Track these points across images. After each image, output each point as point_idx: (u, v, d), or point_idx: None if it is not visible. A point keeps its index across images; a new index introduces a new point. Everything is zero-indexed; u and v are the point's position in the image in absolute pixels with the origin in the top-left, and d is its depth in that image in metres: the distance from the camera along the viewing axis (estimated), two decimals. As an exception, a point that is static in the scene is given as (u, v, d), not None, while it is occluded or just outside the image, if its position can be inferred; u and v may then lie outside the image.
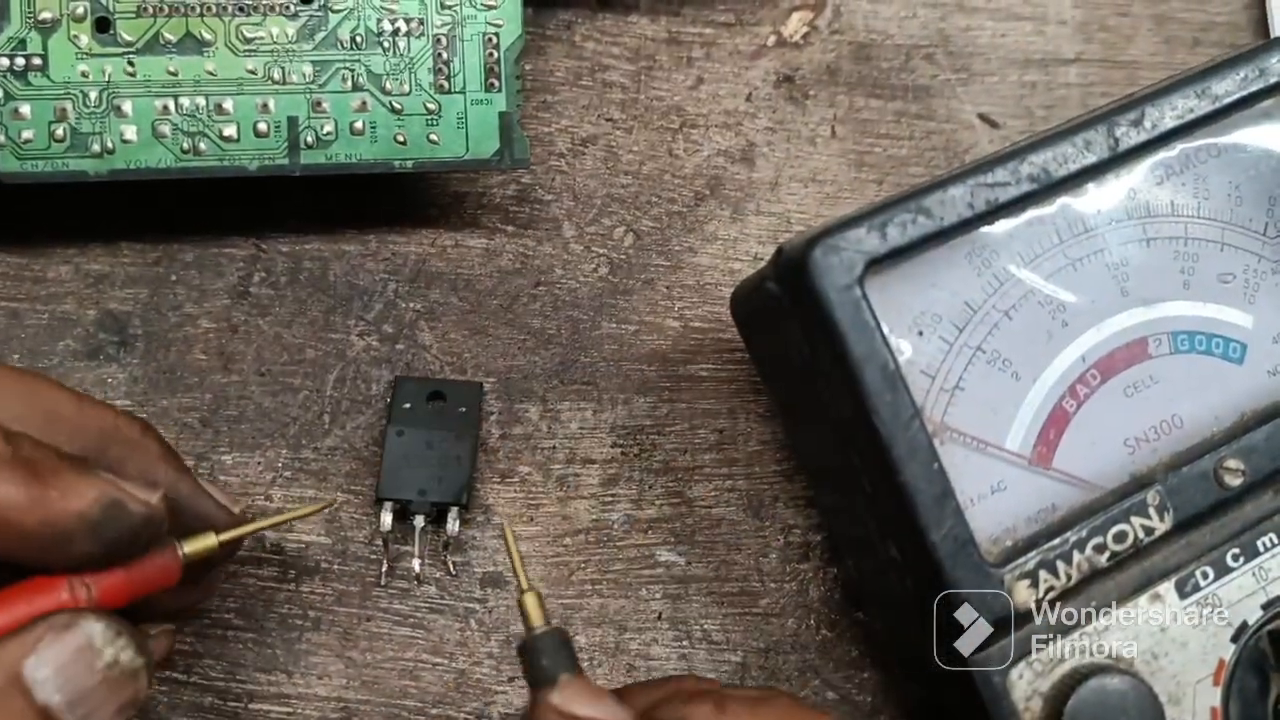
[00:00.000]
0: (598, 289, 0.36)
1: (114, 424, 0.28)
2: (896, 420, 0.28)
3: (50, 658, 0.23)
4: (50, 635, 0.24)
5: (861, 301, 0.28)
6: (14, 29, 0.32)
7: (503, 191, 0.37)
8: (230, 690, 0.33)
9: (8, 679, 0.23)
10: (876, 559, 0.30)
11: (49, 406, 0.27)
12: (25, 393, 0.27)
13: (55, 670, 0.23)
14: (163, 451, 0.29)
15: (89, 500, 0.24)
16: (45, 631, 0.24)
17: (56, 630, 0.24)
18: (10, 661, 0.23)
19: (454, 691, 0.34)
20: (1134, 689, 0.28)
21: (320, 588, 0.34)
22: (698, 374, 0.36)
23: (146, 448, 0.28)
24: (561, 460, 0.35)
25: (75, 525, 0.24)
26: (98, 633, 0.24)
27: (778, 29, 0.39)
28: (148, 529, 0.26)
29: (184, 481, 0.28)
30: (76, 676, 0.24)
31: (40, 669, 0.23)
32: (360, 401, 0.35)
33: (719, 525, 0.35)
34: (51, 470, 0.24)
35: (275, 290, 0.35)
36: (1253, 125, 0.32)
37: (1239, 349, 0.32)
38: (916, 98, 0.39)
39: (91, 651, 0.24)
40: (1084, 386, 0.31)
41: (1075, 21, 0.40)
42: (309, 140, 0.33)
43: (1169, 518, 0.30)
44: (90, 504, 0.24)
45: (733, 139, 0.38)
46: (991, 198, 0.29)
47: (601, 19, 0.38)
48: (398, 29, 0.33)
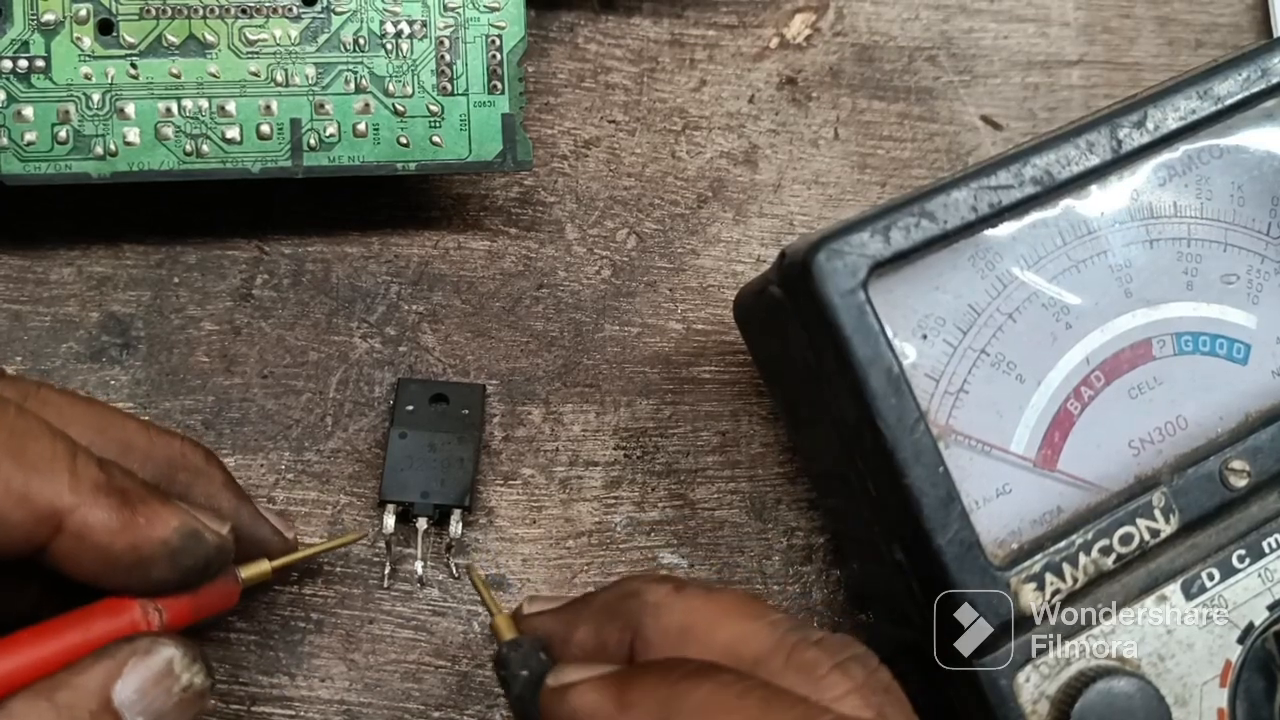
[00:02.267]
0: (600, 291, 0.36)
1: (180, 451, 0.29)
2: (901, 424, 0.28)
3: (134, 681, 0.24)
4: (134, 659, 0.25)
5: (865, 305, 0.28)
6: (17, 31, 0.32)
7: (505, 194, 0.37)
8: (233, 693, 0.33)
9: (101, 704, 0.24)
10: (880, 562, 0.30)
11: (121, 436, 0.28)
12: (98, 423, 0.28)
13: (139, 694, 0.24)
14: (225, 479, 0.30)
15: (171, 528, 0.26)
16: (129, 655, 0.25)
17: (140, 654, 0.25)
18: (100, 686, 0.24)
19: (457, 694, 0.34)
20: (1141, 691, 0.28)
21: (323, 590, 0.34)
22: (700, 376, 0.36)
23: (211, 475, 0.30)
24: (564, 462, 0.35)
25: (158, 552, 0.25)
26: (177, 658, 0.25)
27: (780, 31, 0.39)
28: (219, 558, 0.27)
29: (244, 509, 0.30)
30: (157, 700, 0.25)
31: (125, 692, 0.24)
32: (363, 404, 0.35)
33: (722, 528, 0.35)
34: (139, 498, 0.25)
35: (278, 292, 0.35)
36: (1255, 126, 0.32)
37: (1243, 350, 0.32)
38: (919, 100, 0.39)
39: (171, 676, 0.25)
40: (1088, 388, 0.31)
41: (1078, 23, 0.40)
42: (312, 142, 0.33)
43: (1174, 519, 0.30)
44: (172, 532, 0.26)
45: (735, 141, 0.38)
46: (995, 200, 0.29)
47: (604, 21, 0.38)
48: (400, 31, 0.33)
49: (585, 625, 0.27)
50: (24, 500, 0.24)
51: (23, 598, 0.27)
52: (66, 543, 0.25)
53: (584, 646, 0.27)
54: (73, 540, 0.25)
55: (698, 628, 0.25)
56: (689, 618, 0.25)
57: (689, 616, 0.25)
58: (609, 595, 0.27)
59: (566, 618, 0.28)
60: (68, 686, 0.24)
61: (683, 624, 0.25)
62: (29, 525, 0.24)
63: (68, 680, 0.24)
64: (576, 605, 0.28)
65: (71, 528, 0.25)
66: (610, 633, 0.26)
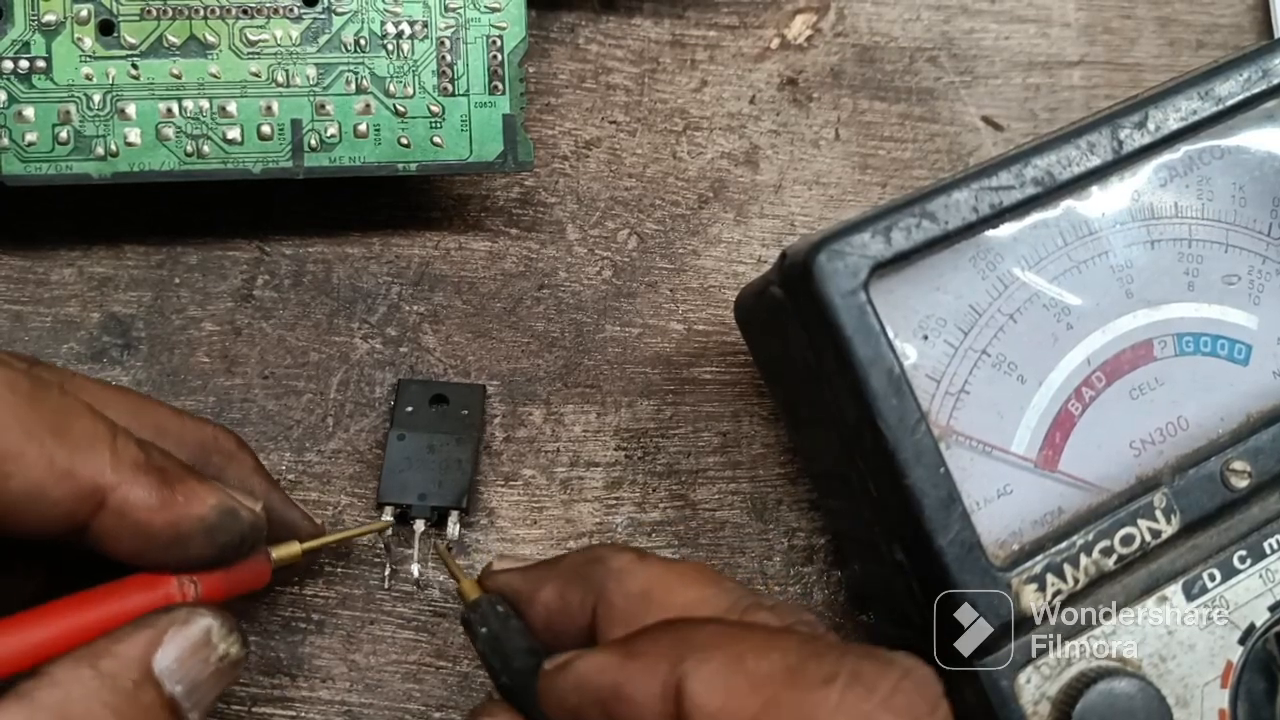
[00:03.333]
0: (601, 292, 0.36)
1: (213, 436, 0.30)
2: (902, 424, 0.28)
3: (173, 651, 0.25)
4: (174, 629, 0.25)
5: (866, 306, 0.28)
6: (18, 31, 0.32)
7: (506, 194, 0.37)
8: (234, 693, 0.33)
9: (142, 673, 0.24)
10: (881, 563, 0.30)
11: (155, 420, 0.29)
12: (132, 408, 0.28)
13: (178, 663, 0.25)
14: (255, 464, 0.31)
15: (209, 506, 0.26)
16: (168, 625, 0.25)
17: (179, 624, 0.25)
18: (142, 655, 0.24)
19: (458, 695, 0.34)
20: (1142, 692, 0.28)
21: (324, 591, 0.34)
22: (701, 377, 0.36)
23: (243, 460, 0.30)
24: (565, 463, 0.35)
25: (196, 529, 0.26)
26: (215, 628, 0.25)
27: (781, 31, 0.39)
28: (252, 535, 0.27)
29: (275, 493, 0.31)
30: (194, 669, 0.25)
31: (165, 661, 0.24)
32: (364, 404, 0.35)
33: (723, 528, 0.35)
34: (178, 476, 0.26)
35: (279, 293, 0.35)
36: (1256, 127, 0.32)
37: (1244, 350, 0.32)
38: (920, 100, 0.39)
39: (209, 646, 0.25)
40: (1089, 389, 0.31)
41: (1079, 24, 0.40)
42: (313, 143, 0.33)
43: (1176, 520, 0.30)
44: (210, 509, 0.26)
45: (736, 141, 0.38)
46: (996, 201, 0.29)
47: (605, 21, 0.38)
48: (401, 32, 0.33)
49: (550, 585, 0.28)
50: (68, 476, 0.24)
51: (28, 582, 0.27)
52: (108, 520, 0.25)
53: (548, 606, 0.28)
54: (114, 517, 0.25)
55: (657, 592, 0.26)
56: (649, 584, 0.26)
57: (649, 583, 0.26)
58: (575, 559, 0.28)
59: (533, 577, 0.28)
60: (110, 655, 0.24)
61: (643, 589, 0.26)
62: (72, 502, 0.24)
63: (109, 649, 0.24)
64: (543, 567, 0.29)
65: (113, 505, 0.25)
66: (573, 594, 0.27)
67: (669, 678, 0.23)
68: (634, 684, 0.23)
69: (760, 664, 0.22)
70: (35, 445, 0.24)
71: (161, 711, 0.24)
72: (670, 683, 0.22)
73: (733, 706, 0.22)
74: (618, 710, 0.23)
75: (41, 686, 0.23)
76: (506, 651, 0.28)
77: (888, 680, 0.22)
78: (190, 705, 0.25)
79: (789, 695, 0.22)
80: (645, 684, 0.23)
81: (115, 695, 0.23)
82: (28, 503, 0.24)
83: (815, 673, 0.22)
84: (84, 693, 0.23)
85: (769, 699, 0.22)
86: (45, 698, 0.23)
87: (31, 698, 0.23)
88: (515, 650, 0.27)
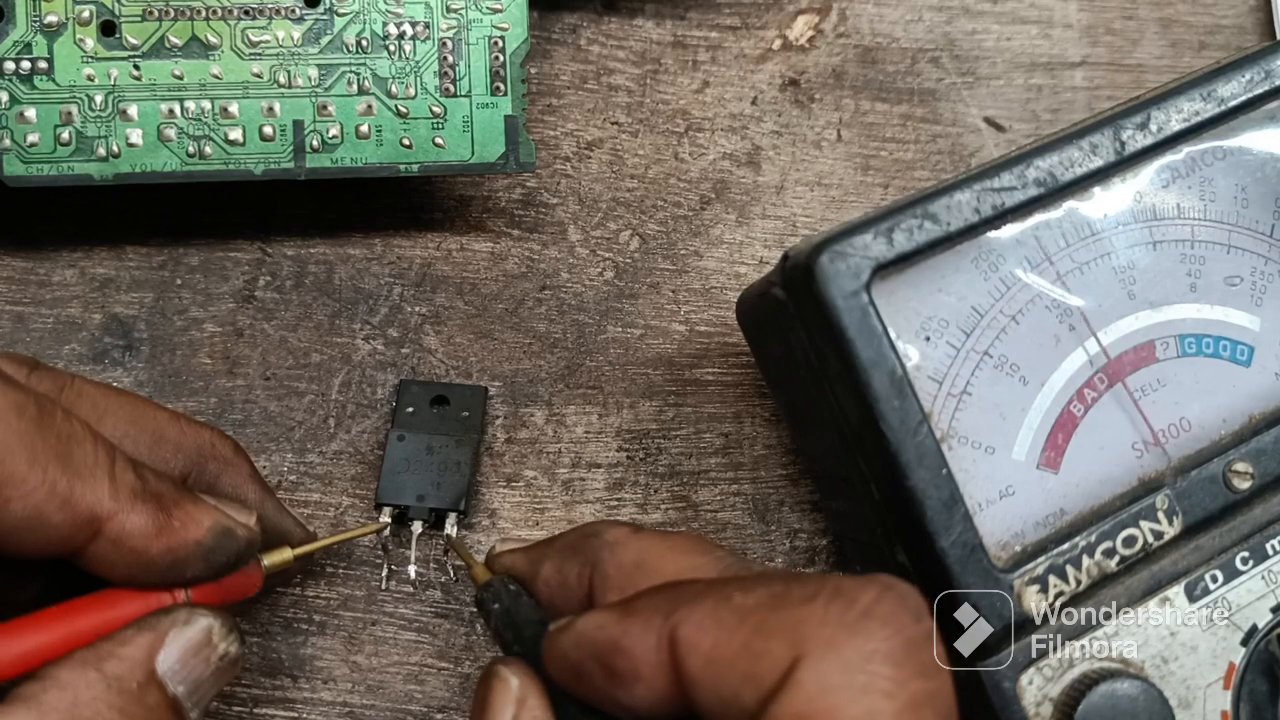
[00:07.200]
0: (603, 293, 0.36)
1: (210, 441, 0.30)
2: (904, 426, 0.28)
3: (175, 651, 0.25)
4: (175, 630, 0.25)
5: (868, 307, 0.28)
6: (19, 32, 0.32)
7: (508, 195, 0.37)
8: (235, 694, 0.33)
9: (146, 674, 0.24)
10: (884, 564, 0.30)
11: (154, 426, 0.29)
12: (131, 414, 0.29)
13: (180, 663, 0.25)
14: (251, 471, 0.31)
15: (205, 529, 0.26)
16: (169, 626, 0.25)
17: (179, 625, 0.25)
18: (145, 657, 0.24)
19: (459, 696, 0.34)
20: (1144, 693, 0.28)
21: (325, 592, 0.34)
22: (703, 378, 0.36)
23: (239, 466, 0.30)
24: (567, 464, 0.35)
25: (193, 553, 0.26)
26: (215, 627, 0.26)
27: (783, 32, 0.39)
28: (248, 551, 0.27)
29: (269, 501, 0.31)
30: (196, 668, 0.25)
31: (167, 662, 0.25)
32: (365, 405, 0.35)
33: (725, 529, 0.35)
34: (174, 501, 0.26)
35: (281, 294, 0.35)
36: (1259, 128, 0.32)
37: (1246, 351, 0.32)
38: (922, 101, 0.39)
39: (209, 646, 0.25)
40: (1091, 391, 0.30)
41: (1081, 25, 0.40)
42: (314, 144, 0.33)
43: (1178, 521, 0.30)
44: (206, 533, 0.26)
45: (738, 142, 0.38)
46: (998, 202, 0.29)
47: (607, 22, 0.38)
48: (403, 32, 0.33)
49: (549, 561, 0.28)
50: (66, 504, 0.24)
51: (27, 589, 0.27)
52: (103, 547, 0.25)
53: (548, 581, 0.28)
54: (110, 545, 0.25)
55: (649, 562, 0.26)
56: (642, 554, 0.27)
57: (642, 553, 0.27)
58: (572, 535, 0.29)
59: (533, 555, 0.29)
60: (114, 657, 0.24)
61: (636, 559, 0.27)
62: (69, 529, 0.25)
63: (113, 651, 0.24)
64: (542, 545, 0.29)
65: (110, 533, 0.25)
66: (571, 568, 0.28)
67: (663, 628, 0.23)
68: (630, 637, 0.24)
69: (747, 598, 0.23)
70: (38, 471, 0.24)
71: (166, 712, 0.24)
72: (664, 633, 0.23)
73: (723, 639, 0.22)
74: (617, 663, 0.24)
75: (48, 689, 0.23)
76: (518, 624, 0.28)
77: (869, 593, 0.22)
78: (191, 705, 0.25)
79: (774, 617, 0.22)
80: (641, 636, 0.23)
81: (121, 698, 0.24)
82: (26, 527, 0.24)
83: (798, 593, 0.22)
84: (91, 696, 0.23)
85: (756, 625, 0.22)
86: (53, 701, 0.23)
87: (39, 701, 0.23)
88: (526, 622, 0.28)
